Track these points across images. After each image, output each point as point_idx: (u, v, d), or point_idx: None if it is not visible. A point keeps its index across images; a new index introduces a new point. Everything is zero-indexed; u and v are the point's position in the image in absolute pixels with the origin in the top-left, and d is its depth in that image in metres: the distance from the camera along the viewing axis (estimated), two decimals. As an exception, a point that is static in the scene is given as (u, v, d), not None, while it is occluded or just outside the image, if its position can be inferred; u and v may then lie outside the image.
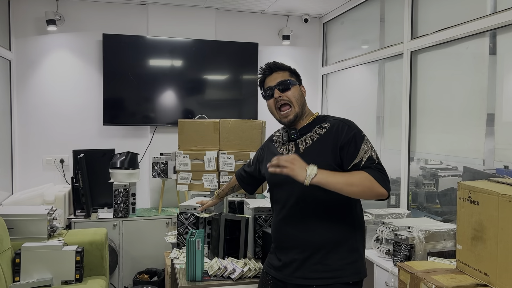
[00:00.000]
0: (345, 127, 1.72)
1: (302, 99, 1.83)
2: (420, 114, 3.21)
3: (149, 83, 4.22)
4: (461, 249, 1.79)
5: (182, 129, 2.96)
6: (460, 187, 1.79)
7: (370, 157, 1.66)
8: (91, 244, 3.11)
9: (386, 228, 2.48)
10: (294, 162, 1.58)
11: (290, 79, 1.81)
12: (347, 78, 4.40)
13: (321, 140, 1.74)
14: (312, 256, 1.72)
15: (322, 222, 1.72)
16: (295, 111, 1.79)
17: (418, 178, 3.23)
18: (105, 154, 4.04)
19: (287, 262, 1.77)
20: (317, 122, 1.81)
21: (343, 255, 1.72)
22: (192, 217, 2.46)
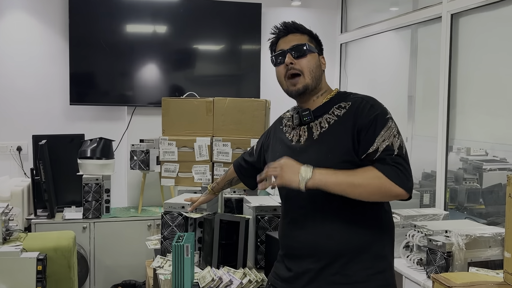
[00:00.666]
0: (367, 106, 1.71)
1: (319, 71, 1.81)
2: (461, 92, 3.19)
3: (127, 54, 4.21)
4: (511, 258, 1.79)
5: (167, 110, 2.95)
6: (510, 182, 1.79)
7: (388, 147, 1.63)
8: (55, 250, 3.12)
9: (418, 233, 2.48)
10: (283, 168, 1.63)
11: (308, 45, 1.80)
12: (371, 47, 4.37)
13: (340, 122, 1.73)
14: (330, 266, 1.71)
15: (341, 223, 1.72)
16: (305, 82, 1.77)
17: (458, 172, 3.23)
18: (73, 140, 4.04)
19: (299, 273, 1.77)
20: (335, 100, 1.79)
21: (367, 263, 1.71)
22: (180, 217, 2.47)
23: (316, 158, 1.71)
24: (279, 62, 1.82)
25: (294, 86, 1.78)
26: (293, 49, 1.79)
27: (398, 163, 1.63)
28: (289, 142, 1.84)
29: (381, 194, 1.62)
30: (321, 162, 1.69)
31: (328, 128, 1.74)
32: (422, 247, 2.44)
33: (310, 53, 1.80)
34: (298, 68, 1.77)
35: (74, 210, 3.90)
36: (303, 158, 1.72)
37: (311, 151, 1.75)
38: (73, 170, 3.85)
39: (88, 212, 3.75)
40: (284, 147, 1.85)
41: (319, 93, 1.82)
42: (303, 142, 1.78)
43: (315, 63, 1.80)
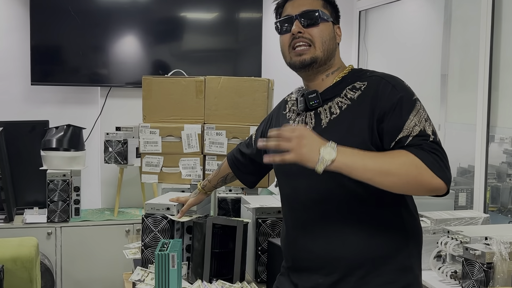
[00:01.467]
0: (388, 87, 1.68)
1: (332, 43, 1.80)
2: (505, 71, 3.19)
3: (100, 24, 4.21)
4: None
5: (148, 92, 2.95)
6: None
7: (422, 132, 1.61)
8: (14, 260, 3.14)
9: (452, 240, 2.49)
10: (301, 141, 1.53)
11: (321, 11, 1.78)
12: (396, 16, 4.37)
13: (353, 107, 1.71)
14: (345, 280, 1.71)
15: (358, 228, 1.72)
16: (315, 54, 1.75)
17: (501, 166, 3.24)
18: (35, 128, 4.06)
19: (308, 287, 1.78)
20: (348, 80, 1.77)
21: (390, 277, 1.71)
22: (164, 221, 2.47)
23: None
24: (284, 30, 1.80)
25: (299, 56, 1.75)
26: (303, 16, 1.77)
27: (436, 150, 1.60)
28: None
29: (417, 186, 1.57)
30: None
31: (339, 115, 1.73)
32: (457, 257, 2.44)
33: (324, 22, 1.78)
34: (308, 38, 1.75)
35: (36, 212, 3.91)
36: None
37: None
38: (35, 164, 3.86)
39: (53, 215, 3.76)
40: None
41: (330, 70, 1.80)
42: None
43: (328, 34, 1.78)
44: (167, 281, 2.11)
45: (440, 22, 3.85)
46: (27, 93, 4.25)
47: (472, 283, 2.25)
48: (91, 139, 4.27)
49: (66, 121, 4.01)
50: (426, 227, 2.67)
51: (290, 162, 1.53)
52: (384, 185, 1.56)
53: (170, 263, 2.10)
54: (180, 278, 2.16)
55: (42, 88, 4.25)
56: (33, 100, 4.26)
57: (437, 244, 2.56)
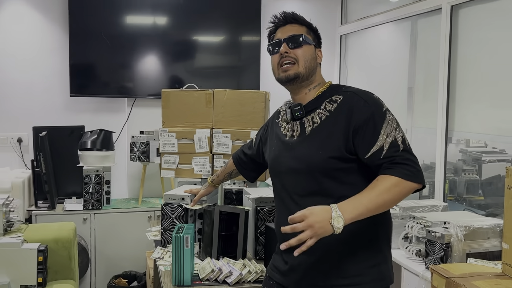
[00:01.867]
0: (361, 102, 1.68)
1: (313, 63, 1.80)
2: (461, 85, 3.19)
3: (127, 46, 4.20)
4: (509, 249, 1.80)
5: (167, 102, 2.95)
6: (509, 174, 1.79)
7: (393, 143, 1.62)
8: (56, 241, 3.13)
9: (417, 224, 2.49)
10: (313, 227, 1.52)
11: (304, 36, 1.79)
12: (371, 39, 4.36)
13: (331, 118, 1.71)
14: (324, 259, 1.72)
15: None
16: (298, 70, 1.76)
17: (457, 163, 3.23)
18: (73, 132, 4.04)
19: (295, 265, 1.78)
20: (327, 94, 1.77)
21: (362, 256, 1.71)
22: (180, 209, 2.47)
23: (308, 153, 1.72)
24: (275, 51, 1.81)
25: (285, 72, 1.77)
26: (290, 39, 1.78)
27: (407, 159, 1.61)
28: (283, 137, 1.84)
29: (404, 196, 1.61)
30: (312, 158, 1.70)
31: (319, 124, 1.74)
32: (421, 238, 2.44)
33: (306, 45, 1.79)
34: (293, 57, 1.77)
35: (74, 201, 3.91)
36: (295, 153, 1.75)
37: (302, 147, 1.75)
38: (73, 161, 3.85)
39: (88, 204, 3.76)
40: (278, 142, 1.86)
41: (312, 85, 1.81)
42: (296, 138, 1.79)
43: (310, 55, 1.79)
44: (182, 258, 2.11)
45: (407, 44, 3.85)
46: (66, 103, 4.24)
47: (434, 259, 2.26)
48: (119, 141, 4.26)
49: (98, 126, 4.01)
50: (395, 213, 2.67)
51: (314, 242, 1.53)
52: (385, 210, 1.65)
53: (184, 244, 2.11)
54: (193, 256, 2.16)
55: (79, 99, 4.24)
56: (71, 109, 4.26)
57: (404, 228, 2.56)
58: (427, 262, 2.31)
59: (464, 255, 2.20)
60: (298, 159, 1.74)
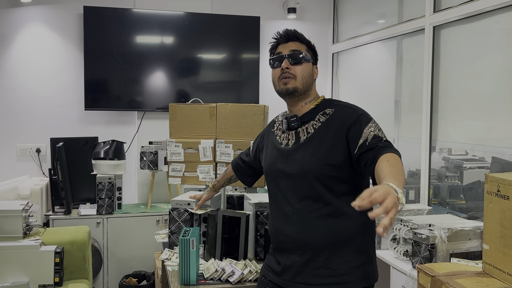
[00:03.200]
0: (350, 111, 1.74)
1: (310, 79, 1.82)
2: (443, 98, 3.20)
3: (136, 63, 4.21)
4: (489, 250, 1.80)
5: (174, 115, 2.95)
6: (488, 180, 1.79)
7: (376, 135, 1.65)
8: (72, 244, 3.12)
9: (404, 226, 2.49)
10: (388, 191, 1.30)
11: (305, 54, 1.80)
12: (360, 57, 4.38)
13: (324, 128, 1.74)
14: (314, 259, 1.72)
15: (325, 220, 1.72)
16: (296, 85, 1.78)
17: (440, 170, 3.23)
18: (87, 142, 4.05)
19: (287, 266, 1.78)
20: (321, 107, 1.80)
21: (349, 257, 1.71)
22: (186, 213, 2.47)
23: (302, 160, 1.73)
24: (276, 66, 1.82)
25: (285, 85, 1.79)
26: (291, 56, 1.79)
27: (390, 145, 1.63)
28: (279, 145, 1.85)
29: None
30: (306, 164, 1.72)
31: (313, 133, 1.76)
32: (408, 239, 2.44)
33: (306, 62, 1.80)
34: (292, 73, 1.78)
35: (88, 206, 3.90)
36: (290, 160, 1.76)
37: (297, 154, 1.76)
38: (87, 170, 3.85)
39: (101, 209, 3.75)
40: (274, 149, 1.87)
41: (308, 99, 1.83)
42: (291, 146, 1.80)
43: (308, 72, 1.81)
44: (188, 259, 2.11)
45: (393, 61, 3.87)
46: (81, 116, 4.25)
47: (420, 259, 2.26)
48: (130, 151, 4.26)
49: (111, 137, 4.01)
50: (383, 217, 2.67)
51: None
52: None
53: (190, 246, 2.10)
54: (198, 257, 2.16)
55: (93, 112, 4.25)
56: (86, 121, 4.26)
57: (392, 230, 2.56)
58: (413, 262, 2.31)
59: (448, 255, 2.20)
60: (293, 165, 1.75)
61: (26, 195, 3.63)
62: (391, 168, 1.49)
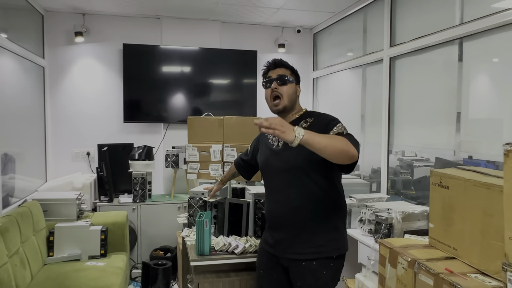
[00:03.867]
0: (325, 116, 1.78)
1: (294, 96, 1.82)
2: (398, 112, 3.20)
3: (163, 86, 4.21)
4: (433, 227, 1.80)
5: (191, 126, 2.95)
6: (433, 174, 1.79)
7: (340, 132, 1.66)
8: (113, 224, 3.12)
9: (368, 210, 2.48)
10: (283, 125, 1.42)
11: (289, 77, 1.81)
12: (335, 81, 4.39)
13: None
14: (300, 235, 1.73)
15: (309, 205, 1.72)
16: (284, 104, 1.78)
17: (396, 168, 3.23)
18: (125, 147, 4.04)
19: (279, 240, 1.78)
20: (303, 117, 1.81)
21: (326, 233, 1.73)
22: (201, 201, 2.47)
23: (290, 157, 1.74)
24: (267, 86, 1.82)
25: (276, 106, 1.80)
26: (278, 78, 1.79)
27: (352, 137, 1.64)
28: (271, 145, 1.86)
29: (345, 155, 1.51)
30: (293, 160, 1.71)
31: None
32: (371, 220, 2.44)
33: (290, 83, 1.80)
34: (280, 92, 1.78)
35: (126, 196, 3.89)
36: (281, 157, 1.77)
37: (286, 153, 1.76)
38: (126, 168, 3.84)
39: (136, 198, 3.74)
40: (267, 149, 1.87)
41: (294, 112, 1.83)
42: (281, 146, 1.80)
43: (292, 90, 1.81)
44: (203, 236, 2.11)
45: (359, 84, 3.88)
46: (121, 127, 4.24)
47: (380, 236, 2.25)
48: (157, 153, 4.26)
49: (143, 143, 4.01)
50: (353, 203, 2.66)
51: (277, 136, 1.40)
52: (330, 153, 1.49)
53: (204, 226, 2.10)
54: (210, 234, 2.16)
55: (130, 124, 4.24)
56: (124, 131, 4.25)
57: (360, 213, 2.56)
58: (376, 238, 2.30)
59: (402, 232, 2.20)
60: (284, 161, 1.75)
61: (79, 187, 3.63)
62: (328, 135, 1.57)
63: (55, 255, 2.84)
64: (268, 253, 1.84)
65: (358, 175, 3.61)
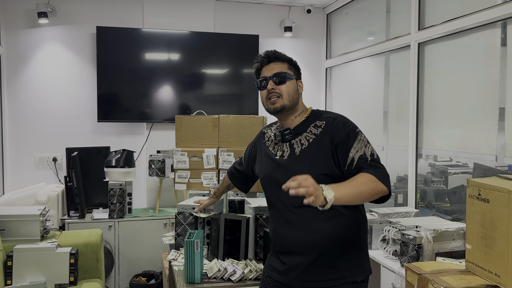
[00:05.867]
0: (339, 124, 1.73)
1: (296, 95, 1.81)
2: (428, 109, 3.20)
3: (145, 78, 4.23)
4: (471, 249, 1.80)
5: (179, 126, 2.96)
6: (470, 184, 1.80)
7: (362, 156, 1.66)
8: (85, 246, 3.12)
9: (392, 228, 2.49)
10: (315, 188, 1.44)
11: (287, 72, 1.80)
12: (351, 71, 4.39)
13: (318, 140, 1.73)
14: (319, 259, 1.72)
15: (327, 222, 1.71)
16: (283, 102, 1.77)
17: (427, 175, 3.24)
18: (100, 152, 4.05)
19: (293, 266, 1.77)
20: (311, 119, 1.80)
21: (350, 254, 1.73)
22: (191, 217, 2.47)
23: (300, 171, 1.65)
24: (262, 87, 1.82)
25: (273, 105, 1.79)
26: (275, 76, 1.78)
27: (376, 166, 1.64)
28: (273, 156, 1.83)
29: (376, 194, 1.60)
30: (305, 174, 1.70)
31: (308, 146, 1.75)
32: (397, 240, 2.44)
33: (289, 80, 1.79)
34: (278, 92, 1.78)
35: (101, 211, 3.90)
36: (289, 171, 1.72)
37: (295, 165, 1.74)
38: (100, 177, 3.85)
39: (113, 213, 3.75)
40: (269, 160, 1.85)
41: (297, 113, 1.82)
42: (286, 157, 1.78)
43: (293, 88, 1.80)
44: (193, 260, 2.11)
45: (382, 75, 3.88)
46: (94, 128, 4.26)
47: (407, 258, 2.25)
48: (139, 159, 4.27)
49: (121, 147, 4.02)
50: (374, 219, 2.67)
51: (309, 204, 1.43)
52: (361, 202, 1.61)
53: (195, 247, 2.11)
54: (202, 257, 2.16)
55: (105, 124, 4.26)
56: (98, 132, 4.27)
57: (382, 231, 2.56)
58: (402, 261, 2.30)
59: (433, 254, 2.20)
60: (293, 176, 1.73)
61: (43, 200, 3.64)
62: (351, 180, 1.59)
63: (14, 283, 2.84)
64: (276, 282, 1.84)
65: (380, 184, 3.62)
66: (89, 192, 3.96)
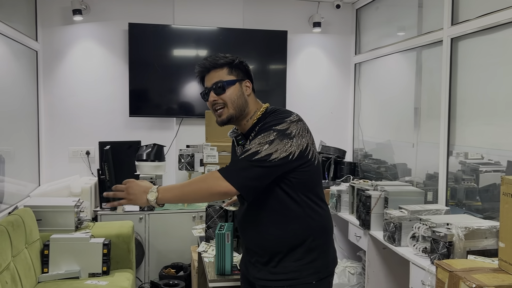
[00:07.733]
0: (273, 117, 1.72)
1: (241, 99, 1.76)
2: (460, 105, 3.15)
3: (175, 74, 4.29)
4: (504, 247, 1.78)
5: (209, 121, 3.00)
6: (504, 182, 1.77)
7: (244, 151, 1.64)
8: (117, 237, 3.20)
9: (423, 225, 2.46)
10: (129, 191, 1.65)
11: (225, 81, 1.74)
12: (381, 67, 4.35)
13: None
14: (271, 260, 1.76)
15: (275, 226, 1.74)
16: (229, 113, 1.74)
17: (457, 173, 3.19)
18: (131, 146, 4.13)
19: (252, 263, 1.84)
20: (261, 120, 1.77)
21: (299, 256, 1.74)
22: (221, 210, 2.51)
23: None
24: (206, 99, 1.79)
25: (219, 117, 1.77)
26: (214, 87, 1.74)
27: (240, 162, 1.63)
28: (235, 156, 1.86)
29: (209, 194, 1.62)
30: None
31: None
32: (427, 237, 2.42)
33: (229, 86, 1.74)
34: (222, 102, 1.74)
35: (132, 203, 3.97)
36: None
37: None
38: (131, 170, 3.93)
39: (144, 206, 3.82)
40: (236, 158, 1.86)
41: (248, 116, 1.79)
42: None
43: (236, 94, 1.75)
44: (223, 251, 2.15)
45: (413, 71, 3.84)
46: (126, 122, 4.35)
47: (438, 256, 2.24)
48: (169, 153, 4.34)
49: (152, 141, 4.09)
50: (404, 216, 2.65)
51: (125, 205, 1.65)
52: (189, 201, 1.79)
53: (225, 239, 2.14)
54: (232, 250, 2.19)
55: (136, 119, 4.35)
56: (130, 127, 4.36)
57: (412, 228, 2.54)
58: (432, 258, 2.28)
59: (465, 252, 2.17)
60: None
61: (77, 192, 3.74)
62: (186, 182, 1.68)
63: (50, 271, 2.94)
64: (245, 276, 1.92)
65: (410, 181, 3.58)
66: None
